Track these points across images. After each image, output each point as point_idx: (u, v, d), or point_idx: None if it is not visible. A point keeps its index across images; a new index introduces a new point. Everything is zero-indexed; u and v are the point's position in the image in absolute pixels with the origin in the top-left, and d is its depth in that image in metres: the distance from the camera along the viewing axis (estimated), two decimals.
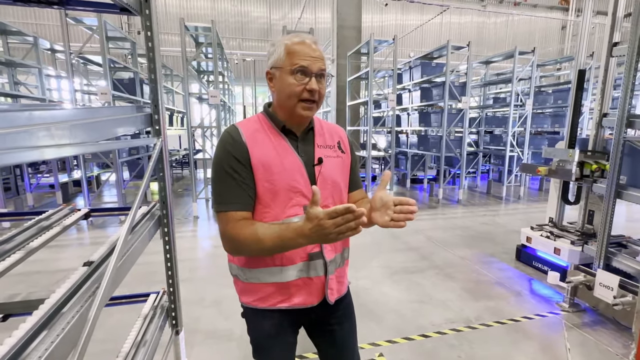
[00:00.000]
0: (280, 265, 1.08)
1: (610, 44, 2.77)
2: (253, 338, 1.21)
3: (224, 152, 1.04)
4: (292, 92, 1.03)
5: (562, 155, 3.13)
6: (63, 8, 1.50)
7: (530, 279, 3.44)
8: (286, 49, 1.03)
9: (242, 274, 1.14)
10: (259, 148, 1.05)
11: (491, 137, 8.34)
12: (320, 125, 1.20)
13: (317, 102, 1.07)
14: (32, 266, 3.38)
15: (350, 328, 1.31)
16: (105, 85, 5.00)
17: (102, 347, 1.68)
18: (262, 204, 1.05)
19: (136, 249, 1.47)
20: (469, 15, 15.36)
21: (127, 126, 1.58)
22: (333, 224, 0.83)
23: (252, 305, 1.15)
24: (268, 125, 1.11)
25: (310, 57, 1.03)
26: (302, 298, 1.12)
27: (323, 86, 1.07)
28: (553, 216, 3.67)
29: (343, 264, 1.24)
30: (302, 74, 1.02)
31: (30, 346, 0.83)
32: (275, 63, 1.05)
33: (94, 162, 7.37)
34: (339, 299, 1.24)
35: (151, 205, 1.94)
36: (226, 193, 1.03)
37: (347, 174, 1.22)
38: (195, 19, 12.65)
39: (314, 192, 0.86)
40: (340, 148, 1.20)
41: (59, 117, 1.02)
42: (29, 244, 1.42)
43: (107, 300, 1.12)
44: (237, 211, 1.02)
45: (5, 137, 0.74)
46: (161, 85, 1.76)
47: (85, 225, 5.32)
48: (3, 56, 6.11)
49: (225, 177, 1.03)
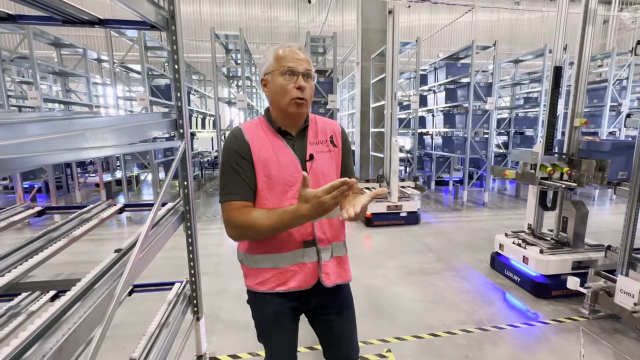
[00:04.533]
0: (278, 252, 1.22)
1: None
2: (257, 322, 1.36)
3: (230, 150, 1.20)
4: (284, 90, 1.16)
5: (526, 158, 3.01)
6: (103, 27, 1.74)
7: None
8: (275, 55, 1.18)
9: (246, 259, 1.29)
10: (259, 146, 1.20)
11: (522, 139, 8.03)
12: (314, 123, 1.31)
13: (307, 100, 1.19)
14: (78, 257, 3.77)
15: (348, 318, 1.39)
16: (143, 92, 5.42)
17: (134, 330, 1.89)
18: (262, 196, 1.20)
19: (160, 239, 1.67)
20: (501, 12, 14.79)
21: (154, 130, 1.79)
22: (331, 197, 1.00)
23: (253, 289, 1.29)
24: (266, 127, 1.25)
25: (296, 59, 1.16)
26: (297, 282, 1.24)
27: (310, 85, 1.20)
28: (531, 222, 3.50)
29: (344, 252, 1.35)
30: (291, 74, 1.15)
31: (67, 313, 1.02)
32: (267, 69, 1.20)
33: (134, 163, 7.95)
34: (338, 288, 1.33)
35: (175, 202, 2.15)
36: (230, 185, 1.19)
37: (339, 167, 1.33)
38: (227, 26, 13.18)
39: (304, 177, 1.00)
40: (332, 142, 1.31)
41: (93, 124, 1.22)
42: (72, 233, 1.64)
43: (132, 282, 1.31)
44: (239, 201, 1.17)
45: (51, 142, 0.94)
46: (185, 93, 1.96)
47: (125, 221, 5.77)
48: (57, 67, 6.78)
49: (231, 171, 1.19)
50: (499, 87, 8.27)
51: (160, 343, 1.74)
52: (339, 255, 1.31)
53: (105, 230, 5.24)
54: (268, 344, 1.36)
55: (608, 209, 6.68)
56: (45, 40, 6.10)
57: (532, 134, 7.93)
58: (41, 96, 5.26)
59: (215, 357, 2.35)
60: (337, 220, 1.29)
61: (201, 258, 2.70)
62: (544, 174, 2.89)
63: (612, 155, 2.60)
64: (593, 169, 2.60)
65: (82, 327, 0.99)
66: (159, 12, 1.70)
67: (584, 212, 3.02)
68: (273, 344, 1.34)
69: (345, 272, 1.33)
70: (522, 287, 3.26)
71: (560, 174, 2.85)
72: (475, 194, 7.77)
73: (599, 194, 7.57)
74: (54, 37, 6.13)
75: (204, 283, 2.21)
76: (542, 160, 2.88)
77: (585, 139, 2.92)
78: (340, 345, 1.38)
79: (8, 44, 8.07)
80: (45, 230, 1.57)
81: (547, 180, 2.89)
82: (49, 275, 1.54)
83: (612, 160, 2.55)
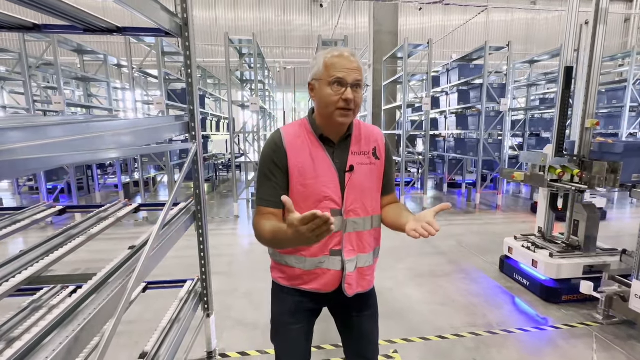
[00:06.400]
0: (305, 256, 1.24)
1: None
2: (273, 313, 1.37)
3: (267, 156, 1.21)
4: (330, 101, 1.14)
5: (535, 160, 2.95)
6: (121, 34, 1.84)
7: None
8: (325, 62, 1.14)
9: (274, 255, 1.32)
10: (296, 154, 1.19)
11: (537, 140, 7.86)
12: (359, 131, 1.28)
13: (354, 110, 1.17)
14: (98, 255, 3.92)
15: (369, 318, 1.39)
16: (160, 96, 5.58)
17: (149, 326, 1.96)
18: (295, 204, 1.16)
19: (172, 237, 1.75)
20: (516, 12, 14.53)
21: (167, 133, 1.88)
22: (307, 229, 0.90)
23: (278, 282, 1.33)
24: (308, 131, 1.23)
25: (347, 69, 1.12)
26: (319, 285, 1.25)
27: (359, 95, 1.16)
28: (542, 226, 3.41)
29: (370, 262, 1.33)
30: (339, 85, 1.12)
31: (83, 305, 1.10)
32: (315, 75, 1.17)
33: (151, 165, 8.18)
34: (359, 295, 1.31)
35: (188, 202, 2.24)
36: (263, 191, 1.21)
37: (380, 180, 1.30)
38: (242, 31, 13.40)
39: (285, 201, 0.94)
40: (375, 154, 1.28)
41: (109, 127, 1.29)
42: (90, 230, 1.73)
43: (144, 277, 1.38)
44: (267, 207, 1.19)
45: (70, 143, 1.01)
46: (197, 96, 2.04)
47: (142, 221, 5.95)
48: (80, 72, 7.06)
49: (264, 178, 1.21)
50: (514, 88, 8.13)
51: (171, 338, 1.81)
52: (363, 266, 1.29)
53: (124, 229, 5.41)
54: (280, 339, 1.36)
55: (628, 212, 6.47)
56: (68, 47, 6.37)
57: (549, 135, 7.76)
58: (64, 101, 5.49)
59: (225, 353, 2.41)
60: (368, 233, 1.28)
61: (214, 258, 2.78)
62: (553, 176, 2.84)
63: (624, 157, 2.54)
64: (605, 171, 2.55)
65: (97, 318, 1.06)
66: (172, 19, 1.79)
67: (595, 216, 2.95)
68: (284, 339, 1.34)
69: (366, 282, 1.32)
70: (531, 291, 3.20)
71: (571, 176, 2.79)
72: (489, 196, 7.65)
73: (618, 197, 7.34)
74: (77, 44, 6.39)
75: (216, 282, 2.28)
76: (553, 162, 2.83)
77: (598, 140, 2.86)
78: (359, 342, 1.37)
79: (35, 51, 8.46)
80: (65, 228, 1.67)
81: (556, 182, 2.84)
82: (70, 271, 1.63)
83: (624, 162, 2.48)
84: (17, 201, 6.26)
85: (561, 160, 2.88)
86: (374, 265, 1.37)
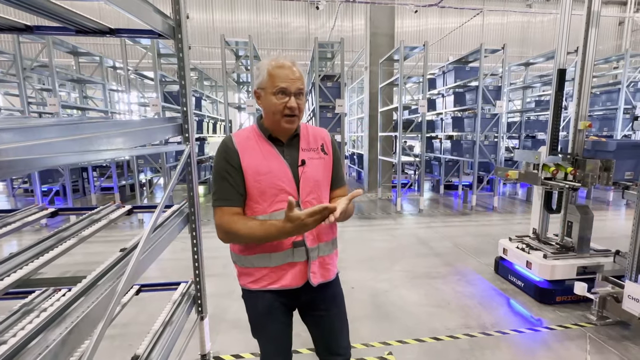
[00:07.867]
0: (270, 252, 1.28)
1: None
2: (250, 316, 1.41)
3: (220, 158, 1.27)
4: (276, 109, 1.22)
5: (529, 158, 2.97)
6: (114, 35, 1.83)
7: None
8: (269, 72, 1.21)
9: (239, 260, 1.34)
10: (248, 154, 1.26)
11: (533, 142, 7.90)
12: (306, 131, 1.37)
13: (298, 116, 1.26)
14: (92, 257, 3.89)
15: (337, 314, 1.44)
16: (156, 97, 5.57)
17: (143, 329, 1.95)
18: (253, 200, 1.26)
19: (165, 239, 1.73)
20: (512, 15, 14.64)
21: (160, 134, 1.87)
22: (313, 220, 1.10)
23: (247, 287, 1.34)
24: (258, 134, 1.31)
25: (289, 79, 1.20)
26: (288, 280, 1.30)
27: (302, 102, 1.26)
28: (536, 227, 3.42)
29: (330, 252, 1.39)
30: (283, 94, 1.21)
31: (71, 308, 1.08)
32: (260, 84, 1.25)
33: (147, 168, 8.14)
34: (325, 286, 1.38)
35: (181, 204, 2.22)
36: (221, 192, 1.25)
37: (330, 173, 1.38)
38: (239, 33, 13.42)
39: (290, 201, 1.07)
40: (323, 150, 1.36)
41: (101, 128, 1.28)
42: (81, 233, 1.72)
43: (134, 279, 1.37)
44: (229, 207, 1.24)
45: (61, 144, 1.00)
46: (190, 98, 2.04)
47: (137, 224, 5.92)
48: (75, 74, 7.04)
49: (221, 179, 1.25)
50: (510, 90, 8.18)
51: (163, 340, 1.79)
52: (323, 255, 1.35)
53: (120, 232, 5.38)
54: (262, 338, 1.40)
55: (623, 213, 6.51)
56: (64, 49, 6.35)
57: (544, 137, 7.80)
58: (59, 103, 5.46)
59: (219, 356, 2.40)
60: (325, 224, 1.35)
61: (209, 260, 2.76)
62: (547, 174, 2.86)
63: (617, 155, 2.56)
64: (598, 169, 2.56)
65: (85, 320, 1.05)
66: (165, 21, 1.78)
67: (588, 216, 2.97)
68: (266, 339, 1.39)
69: (327, 272, 1.37)
70: (525, 293, 3.21)
71: (565, 174, 2.81)
72: (485, 198, 7.68)
73: (613, 198, 7.38)
74: (72, 46, 6.37)
75: (211, 284, 2.27)
76: (546, 160, 2.85)
77: (591, 138, 2.87)
78: (330, 340, 1.43)
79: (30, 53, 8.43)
80: (56, 230, 1.65)
81: (550, 180, 2.85)
82: (64, 274, 1.62)
83: (617, 160, 2.50)
84: (12, 203, 6.23)
85: (555, 158, 2.89)
86: (334, 256, 1.42)
